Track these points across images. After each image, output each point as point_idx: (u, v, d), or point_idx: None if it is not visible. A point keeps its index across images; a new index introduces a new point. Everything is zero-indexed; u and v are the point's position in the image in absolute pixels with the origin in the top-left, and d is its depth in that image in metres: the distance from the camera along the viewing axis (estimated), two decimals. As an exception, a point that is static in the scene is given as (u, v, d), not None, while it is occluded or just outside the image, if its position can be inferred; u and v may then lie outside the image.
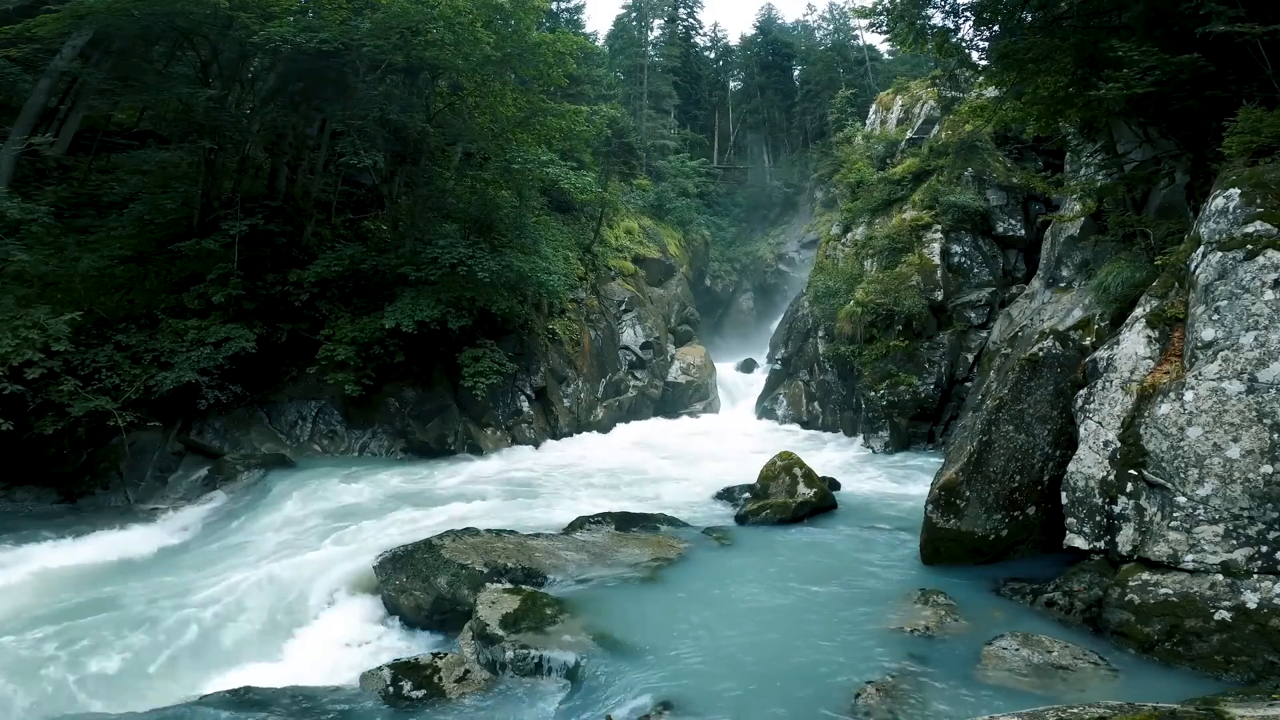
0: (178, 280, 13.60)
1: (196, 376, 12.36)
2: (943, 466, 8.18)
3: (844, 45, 44.45)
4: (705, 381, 24.56)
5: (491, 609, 6.49)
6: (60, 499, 11.59)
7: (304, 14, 13.82)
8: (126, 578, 8.58)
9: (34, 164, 13.79)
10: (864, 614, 6.49)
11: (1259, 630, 5.22)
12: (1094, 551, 6.49)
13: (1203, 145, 8.73)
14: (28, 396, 10.90)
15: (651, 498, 11.72)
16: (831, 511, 10.34)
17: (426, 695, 5.61)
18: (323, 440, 14.27)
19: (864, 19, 12.59)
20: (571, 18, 37.30)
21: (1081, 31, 9.23)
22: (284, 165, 16.12)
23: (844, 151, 25.86)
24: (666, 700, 5.01)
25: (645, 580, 7.50)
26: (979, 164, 18.47)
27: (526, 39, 15.67)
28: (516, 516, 10.24)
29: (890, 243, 18.45)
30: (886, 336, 17.23)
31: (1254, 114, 6.91)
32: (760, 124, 46.97)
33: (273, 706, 5.50)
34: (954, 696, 5.04)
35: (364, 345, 14.05)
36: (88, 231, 13.27)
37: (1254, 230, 6.15)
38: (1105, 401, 6.77)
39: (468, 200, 17.16)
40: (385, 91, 15.59)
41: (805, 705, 4.96)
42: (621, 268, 24.75)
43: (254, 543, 9.55)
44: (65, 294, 12.07)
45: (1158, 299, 7.11)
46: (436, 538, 8.00)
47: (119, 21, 12.32)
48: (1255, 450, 5.64)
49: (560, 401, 18.48)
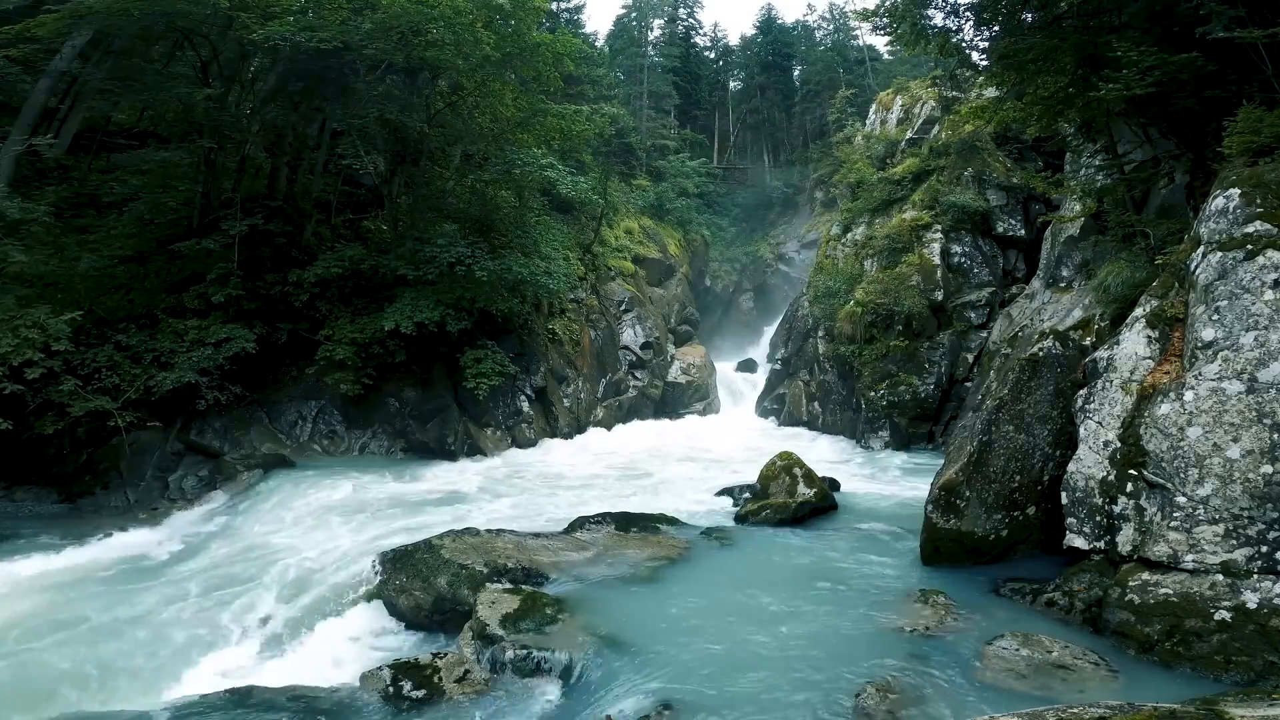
0: (178, 280, 13.61)
1: (196, 377, 12.36)
2: (943, 466, 8.18)
3: (844, 45, 44.46)
4: (705, 381, 24.56)
5: (491, 609, 6.49)
6: (60, 499, 11.58)
7: (304, 14, 13.80)
8: (126, 577, 8.58)
9: (34, 164, 13.78)
10: (864, 614, 6.49)
11: (1259, 630, 5.22)
12: (1094, 551, 6.49)
13: (1203, 145, 8.73)
14: (28, 396, 10.89)
15: (651, 498, 11.71)
16: (831, 512, 10.34)
17: (426, 695, 5.61)
18: (323, 440, 14.27)
19: (865, 21, 12.58)
20: (571, 18, 37.28)
21: (1081, 31, 9.24)
22: (284, 165, 16.11)
23: (844, 151, 25.88)
24: (666, 700, 5.00)
25: (645, 580, 7.49)
26: (979, 164, 18.48)
27: (526, 39, 15.66)
28: (516, 516, 10.24)
29: (890, 243, 18.46)
30: (886, 336, 17.24)
31: (1254, 114, 6.91)
32: (760, 124, 46.97)
33: (273, 706, 5.50)
34: (954, 696, 5.04)
35: (364, 345, 14.05)
36: (88, 231, 13.27)
37: (1254, 230, 6.15)
38: (1105, 401, 6.77)
39: (468, 201, 17.16)
40: (385, 91, 15.58)
41: (805, 704, 4.96)
42: (621, 268, 24.75)
43: (253, 543, 9.54)
44: (65, 294, 12.07)
45: (1158, 299, 7.11)
46: (436, 538, 8.00)
47: (119, 21, 12.32)
48: (1255, 450, 5.64)
49: (560, 402, 18.48)
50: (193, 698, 5.76)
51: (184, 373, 12.21)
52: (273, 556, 8.73)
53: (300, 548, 8.95)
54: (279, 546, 9.17)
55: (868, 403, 16.96)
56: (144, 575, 8.65)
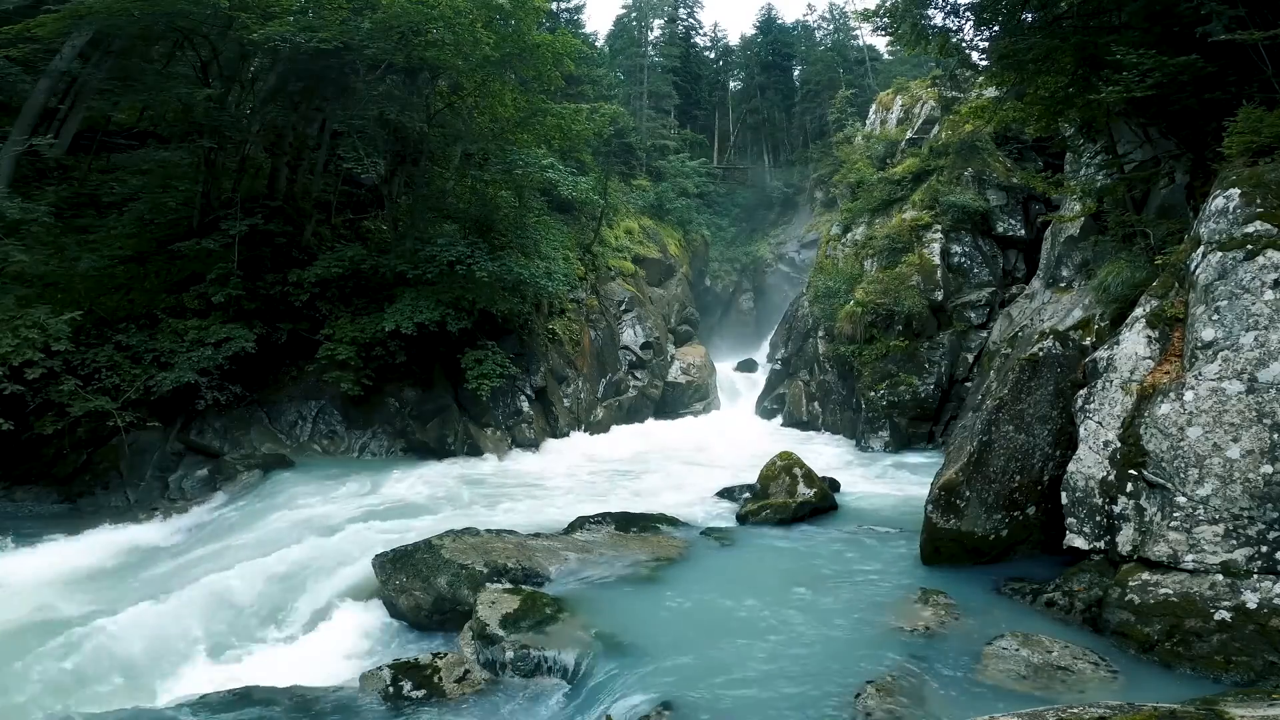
0: (178, 280, 13.61)
1: (196, 377, 12.36)
2: (943, 466, 8.18)
3: (844, 45, 44.47)
4: (705, 381, 24.56)
5: (491, 609, 6.49)
6: (60, 499, 11.59)
7: (304, 14, 13.80)
8: (126, 577, 8.59)
9: (34, 164, 13.78)
10: (864, 614, 6.49)
11: (1259, 630, 5.22)
12: (1094, 551, 6.49)
13: (1203, 145, 8.73)
14: (28, 396, 10.90)
15: (651, 498, 11.70)
16: (831, 512, 10.33)
17: (426, 695, 5.61)
18: (322, 440, 14.27)
19: (865, 21, 12.60)
20: (571, 18, 37.25)
21: (1081, 32, 9.24)
22: (284, 165, 16.11)
23: (844, 152, 25.88)
24: (666, 700, 5.00)
25: (645, 580, 7.49)
26: (979, 164, 18.48)
27: (526, 39, 15.66)
28: (516, 516, 10.23)
29: (890, 243, 18.47)
30: (886, 336, 17.24)
31: (1254, 114, 6.90)
32: (760, 124, 46.97)
33: (273, 706, 5.50)
34: (954, 696, 5.04)
35: (365, 346, 14.05)
36: (88, 231, 13.28)
37: (1254, 230, 6.15)
38: (1105, 401, 6.77)
39: (468, 200, 17.16)
40: (385, 91, 15.59)
41: (805, 704, 4.96)
42: (621, 268, 24.75)
43: (254, 543, 9.53)
44: (65, 294, 12.07)
45: (1158, 299, 7.11)
46: (436, 538, 7.99)
47: (119, 21, 12.32)
48: (1255, 450, 5.64)
49: (560, 401, 18.48)
50: (192, 698, 5.76)
51: (184, 373, 12.21)
52: (272, 556, 8.70)
53: (300, 548, 8.92)
54: (279, 546, 9.15)
55: (868, 403, 16.96)
56: (143, 575, 8.66)
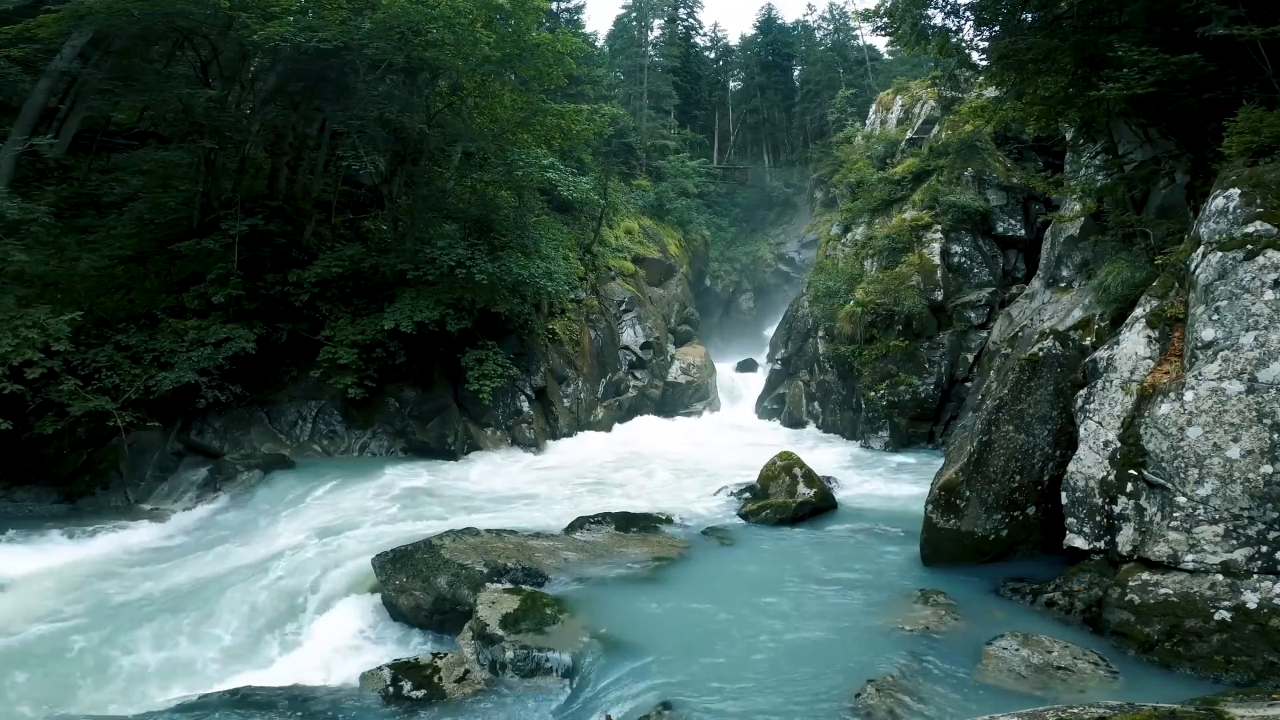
0: (178, 280, 13.60)
1: (196, 376, 12.36)
2: (943, 466, 8.18)
3: (844, 45, 44.47)
4: (705, 381, 24.56)
5: (491, 609, 6.49)
6: (60, 499, 11.57)
7: (304, 14, 13.81)
8: (125, 577, 8.58)
9: (34, 164, 13.78)
10: (864, 613, 6.50)
11: (1259, 630, 5.22)
12: (1094, 551, 6.49)
13: (1203, 145, 8.73)
14: (28, 396, 10.89)
15: (651, 497, 11.71)
16: (831, 511, 10.34)
17: (426, 695, 5.61)
18: (323, 440, 14.27)
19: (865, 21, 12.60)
20: (571, 18, 37.25)
21: (1081, 31, 9.23)
22: (284, 165, 16.12)
23: (844, 152, 25.85)
24: (666, 700, 5.00)
25: (645, 580, 7.50)
26: (979, 164, 18.48)
27: (526, 39, 15.65)
28: (516, 516, 10.24)
29: (890, 243, 18.46)
30: (886, 336, 17.24)
31: (1254, 114, 6.91)
32: (760, 124, 47.00)
33: (273, 706, 5.50)
34: (954, 696, 5.04)
35: (366, 347, 14.05)
36: (88, 231, 13.26)
37: (1254, 230, 6.15)
38: (1105, 401, 6.77)
39: (468, 200, 17.16)
40: (385, 92, 15.58)
41: (805, 704, 4.96)
42: (621, 268, 24.75)
43: (254, 543, 9.55)
44: (65, 294, 12.07)
45: (1158, 299, 7.11)
46: (436, 538, 8.00)
47: (119, 21, 12.32)
48: (1255, 450, 5.64)
49: (560, 401, 18.48)
50: (192, 698, 5.77)
51: (184, 373, 12.21)
52: (272, 556, 8.72)
53: (300, 547, 8.94)
54: (279, 546, 9.17)
55: (868, 403, 16.96)
56: (143, 575, 8.65)
